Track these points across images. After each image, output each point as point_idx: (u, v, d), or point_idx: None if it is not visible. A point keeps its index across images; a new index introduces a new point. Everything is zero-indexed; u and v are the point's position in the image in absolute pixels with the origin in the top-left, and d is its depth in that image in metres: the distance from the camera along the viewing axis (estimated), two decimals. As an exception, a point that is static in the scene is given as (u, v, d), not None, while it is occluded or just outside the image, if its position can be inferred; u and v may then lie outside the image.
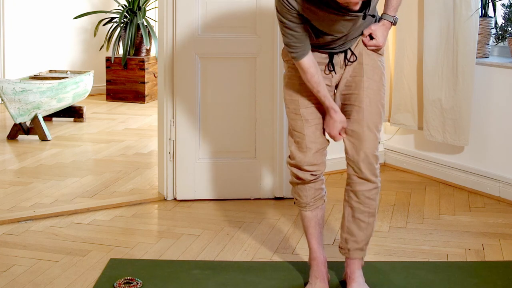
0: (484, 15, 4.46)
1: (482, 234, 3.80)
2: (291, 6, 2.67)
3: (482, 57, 4.46)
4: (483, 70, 4.40)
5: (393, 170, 5.01)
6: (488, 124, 4.43)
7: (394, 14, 2.92)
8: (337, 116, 2.87)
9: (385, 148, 5.12)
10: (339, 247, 3.08)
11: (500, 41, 4.48)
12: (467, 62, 4.35)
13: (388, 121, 4.98)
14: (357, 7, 2.59)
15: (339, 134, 2.90)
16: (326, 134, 2.97)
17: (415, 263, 3.41)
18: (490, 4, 4.50)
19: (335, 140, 2.94)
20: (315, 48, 2.86)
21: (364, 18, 2.74)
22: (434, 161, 4.78)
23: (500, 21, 4.49)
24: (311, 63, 2.81)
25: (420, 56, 4.66)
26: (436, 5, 4.46)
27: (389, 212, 4.12)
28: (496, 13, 4.54)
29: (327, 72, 2.89)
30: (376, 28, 2.88)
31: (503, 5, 4.44)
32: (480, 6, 4.34)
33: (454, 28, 4.39)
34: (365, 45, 2.89)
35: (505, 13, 4.40)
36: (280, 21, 2.74)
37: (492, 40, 4.50)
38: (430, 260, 3.45)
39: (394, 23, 2.93)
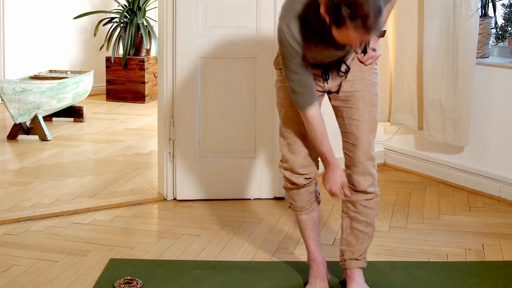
0: (484, 15, 4.46)
1: (482, 234, 3.80)
2: (294, 47, 2.62)
3: (482, 57, 4.46)
4: (483, 70, 4.40)
5: (393, 170, 5.01)
6: (488, 124, 4.43)
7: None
8: (338, 172, 2.81)
9: (385, 148, 5.12)
10: (339, 261, 3.10)
11: (500, 41, 4.48)
12: (467, 62, 4.35)
13: (388, 121, 4.98)
14: (358, 49, 2.59)
15: (340, 190, 2.83)
16: None
17: (415, 263, 3.41)
18: (490, 4, 4.50)
19: (335, 197, 2.86)
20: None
21: (364, 52, 2.75)
22: (434, 161, 4.78)
23: (500, 21, 4.49)
24: (317, 113, 2.75)
25: (420, 56, 4.66)
26: (436, 5, 4.46)
27: (389, 212, 4.12)
28: (496, 13, 4.54)
29: (322, 81, 2.88)
30: None
31: (503, 5, 4.44)
32: (480, 6, 4.34)
33: (454, 28, 4.39)
34: (362, 62, 2.86)
35: (505, 13, 4.40)
36: (285, 66, 2.69)
37: (492, 40, 4.50)
38: (430, 260, 3.45)
39: (380, 35, 2.87)
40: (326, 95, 2.96)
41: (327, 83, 2.88)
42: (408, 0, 4.68)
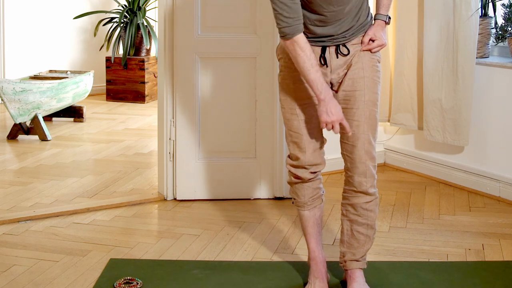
0: (484, 15, 4.46)
1: (482, 234, 3.80)
2: None
3: (482, 57, 4.46)
4: (483, 70, 4.40)
5: (393, 170, 5.02)
6: (488, 124, 4.43)
7: (386, 13, 2.92)
8: (334, 102, 2.76)
9: (385, 148, 5.12)
10: (339, 262, 3.10)
11: (500, 41, 4.48)
12: (467, 62, 4.35)
13: (388, 121, 4.98)
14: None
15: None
16: (324, 131, 2.96)
17: (415, 263, 3.41)
18: (490, 4, 4.50)
19: (332, 128, 2.79)
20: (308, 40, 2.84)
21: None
22: (434, 161, 4.78)
23: (500, 21, 4.49)
24: (305, 40, 2.72)
25: (420, 56, 4.66)
26: (436, 5, 4.46)
27: (389, 212, 4.12)
28: (496, 13, 4.54)
29: (321, 66, 2.86)
30: (373, 31, 2.87)
31: (503, 5, 4.44)
32: (480, 6, 4.34)
33: (454, 28, 4.39)
34: (369, 50, 2.87)
35: (505, 13, 4.40)
36: None
37: (492, 40, 4.50)
38: (430, 260, 3.45)
39: (387, 22, 2.92)
40: None
41: (328, 69, 2.84)
42: (408, 0, 4.68)
